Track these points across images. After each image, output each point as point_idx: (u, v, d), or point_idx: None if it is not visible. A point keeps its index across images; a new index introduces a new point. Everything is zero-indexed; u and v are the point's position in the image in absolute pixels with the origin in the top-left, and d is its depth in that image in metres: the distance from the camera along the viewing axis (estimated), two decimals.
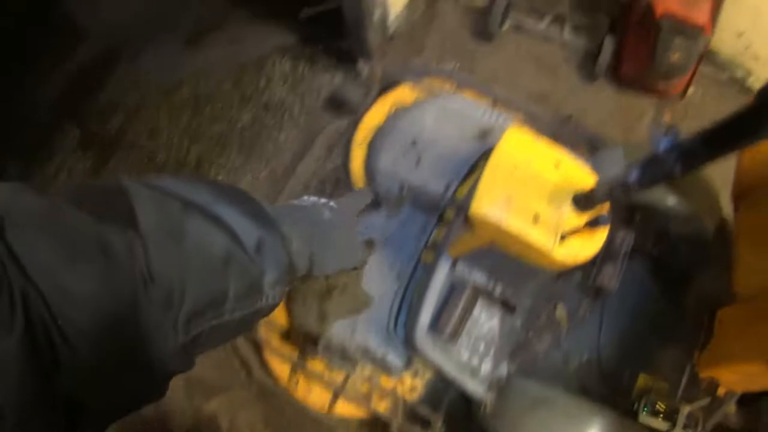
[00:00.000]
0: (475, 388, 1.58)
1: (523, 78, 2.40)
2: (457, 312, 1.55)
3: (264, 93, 2.46)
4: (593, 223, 1.18)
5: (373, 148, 2.00)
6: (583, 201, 1.21)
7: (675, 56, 2.13)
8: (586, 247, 1.26)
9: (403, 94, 2.14)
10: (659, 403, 1.50)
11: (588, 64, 2.40)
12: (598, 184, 1.18)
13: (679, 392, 1.58)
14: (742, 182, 1.55)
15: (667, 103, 2.37)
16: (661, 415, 1.49)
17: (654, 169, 0.98)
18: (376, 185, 1.89)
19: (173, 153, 2.44)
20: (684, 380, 1.59)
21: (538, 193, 1.24)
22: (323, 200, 0.91)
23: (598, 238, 1.28)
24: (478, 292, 1.59)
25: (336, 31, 2.29)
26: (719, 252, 1.68)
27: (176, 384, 2.06)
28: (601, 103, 2.37)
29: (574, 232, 1.21)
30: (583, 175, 1.28)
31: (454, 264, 1.60)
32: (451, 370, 1.58)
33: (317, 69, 2.48)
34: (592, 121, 2.26)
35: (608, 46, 2.31)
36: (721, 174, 1.61)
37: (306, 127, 2.36)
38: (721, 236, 1.73)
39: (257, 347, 1.97)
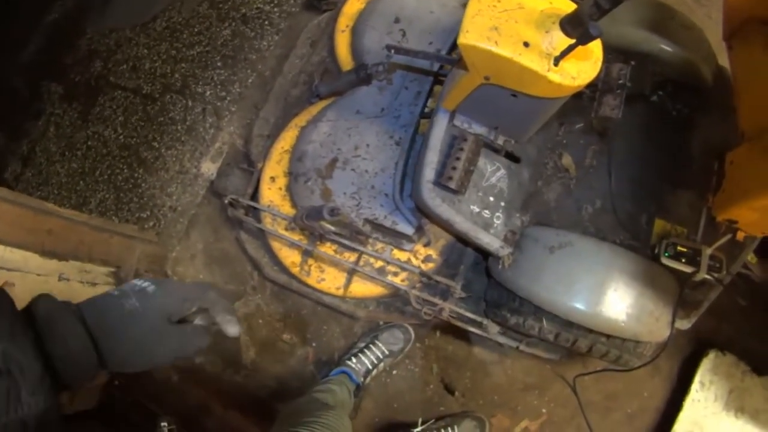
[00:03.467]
0: (490, 240, 1.54)
1: None
2: (461, 162, 1.50)
3: (240, 8, 2.43)
4: (583, 37, 1.14)
5: (356, 31, 1.96)
6: (570, 22, 1.16)
7: None
8: (584, 69, 1.22)
9: None
10: (680, 246, 1.47)
11: None
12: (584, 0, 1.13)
13: (699, 235, 1.56)
14: (732, 20, 1.53)
15: None
16: (684, 259, 1.45)
17: None
18: (365, 62, 1.85)
19: (158, 81, 2.41)
20: (702, 222, 1.57)
21: (525, 21, 1.20)
22: (140, 284, 0.78)
23: (595, 59, 1.24)
24: (480, 143, 1.56)
25: None
26: (720, 99, 1.68)
27: None
28: None
29: (567, 51, 1.17)
30: (568, 3, 1.24)
31: (452, 118, 1.57)
32: (462, 223, 1.53)
33: None
34: None
35: None
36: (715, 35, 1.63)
37: (288, 30, 2.34)
38: (720, 83, 1.72)
39: (265, 244, 1.95)
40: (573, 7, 1.21)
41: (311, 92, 1.96)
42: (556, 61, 1.18)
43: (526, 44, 1.18)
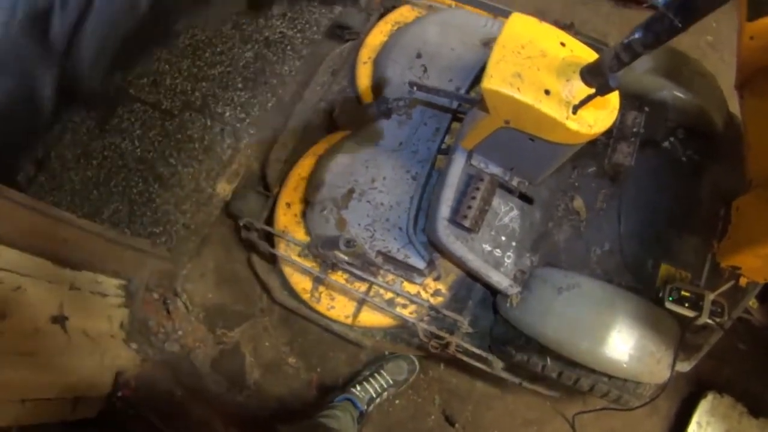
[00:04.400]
0: (500, 279, 1.58)
1: None
2: (476, 202, 1.55)
3: (264, 31, 2.47)
4: (603, 88, 1.17)
5: (378, 63, 2.00)
6: (591, 72, 1.21)
7: None
8: (600, 118, 1.26)
9: (404, 13, 2.14)
10: (683, 291, 1.50)
11: None
12: (604, 51, 1.16)
13: (702, 280, 1.59)
14: (744, 70, 1.57)
15: None
16: (687, 303, 1.48)
17: (656, 26, 0.98)
18: (385, 95, 1.89)
19: (178, 97, 2.44)
20: (706, 268, 1.60)
21: (546, 69, 1.25)
22: None
23: (611, 108, 1.29)
24: (495, 183, 1.60)
25: None
26: (730, 146, 1.71)
27: (197, 317, 2.07)
28: (601, 17, 2.39)
29: (586, 101, 1.21)
30: (588, 52, 1.30)
31: (469, 157, 1.61)
32: (473, 261, 1.57)
33: (314, 4, 2.48)
34: (593, 33, 2.26)
35: None
36: (728, 79, 1.65)
37: (309, 57, 2.38)
38: (730, 131, 1.76)
39: (277, 268, 1.98)
40: (594, 56, 1.26)
41: (330, 121, 2.00)
42: (575, 109, 1.23)
43: (547, 92, 1.23)
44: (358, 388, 1.87)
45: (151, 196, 2.33)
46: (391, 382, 1.90)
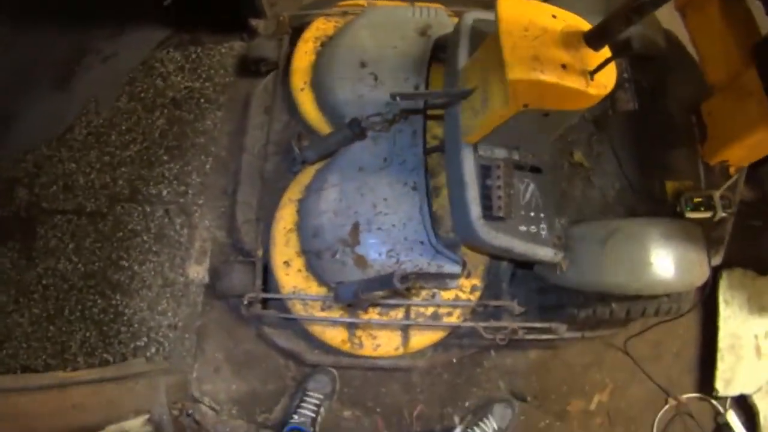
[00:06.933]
0: (545, 252, 1.56)
1: None
2: (501, 190, 1.51)
3: (166, 92, 2.23)
4: (621, 49, 1.18)
5: (323, 86, 1.87)
6: (597, 37, 1.22)
7: None
8: (608, 75, 1.27)
9: (321, 27, 2.02)
10: (695, 198, 1.62)
11: None
12: (609, 15, 1.17)
13: (702, 182, 1.72)
14: None
15: None
16: (702, 207, 1.61)
17: None
18: (346, 117, 1.77)
19: (100, 194, 2.17)
20: (701, 172, 1.74)
21: (554, 44, 1.24)
22: None
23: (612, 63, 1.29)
24: (510, 166, 1.56)
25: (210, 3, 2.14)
26: (678, 60, 1.86)
27: (230, 413, 1.91)
28: None
29: (605, 65, 1.21)
30: (578, 19, 1.30)
31: (475, 150, 1.55)
32: (519, 246, 1.53)
33: (209, 47, 2.29)
34: None
35: None
36: None
37: (230, 103, 2.19)
38: (673, 47, 1.87)
39: (297, 332, 1.87)
40: (582, 21, 1.29)
41: (292, 161, 1.85)
42: (592, 75, 1.23)
43: (563, 66, 1.22)
44: (296, 416, 1.82)
45: (117, 310, 2.07)
46: (321, 397, 1.87)
